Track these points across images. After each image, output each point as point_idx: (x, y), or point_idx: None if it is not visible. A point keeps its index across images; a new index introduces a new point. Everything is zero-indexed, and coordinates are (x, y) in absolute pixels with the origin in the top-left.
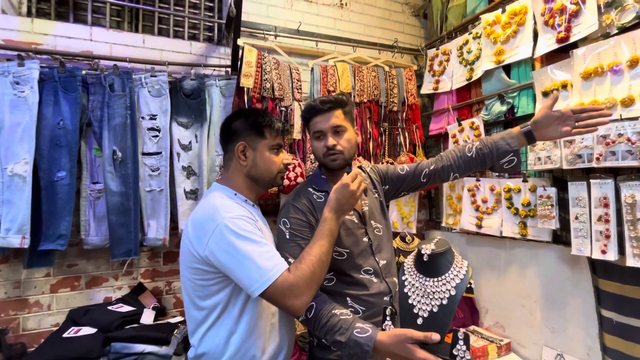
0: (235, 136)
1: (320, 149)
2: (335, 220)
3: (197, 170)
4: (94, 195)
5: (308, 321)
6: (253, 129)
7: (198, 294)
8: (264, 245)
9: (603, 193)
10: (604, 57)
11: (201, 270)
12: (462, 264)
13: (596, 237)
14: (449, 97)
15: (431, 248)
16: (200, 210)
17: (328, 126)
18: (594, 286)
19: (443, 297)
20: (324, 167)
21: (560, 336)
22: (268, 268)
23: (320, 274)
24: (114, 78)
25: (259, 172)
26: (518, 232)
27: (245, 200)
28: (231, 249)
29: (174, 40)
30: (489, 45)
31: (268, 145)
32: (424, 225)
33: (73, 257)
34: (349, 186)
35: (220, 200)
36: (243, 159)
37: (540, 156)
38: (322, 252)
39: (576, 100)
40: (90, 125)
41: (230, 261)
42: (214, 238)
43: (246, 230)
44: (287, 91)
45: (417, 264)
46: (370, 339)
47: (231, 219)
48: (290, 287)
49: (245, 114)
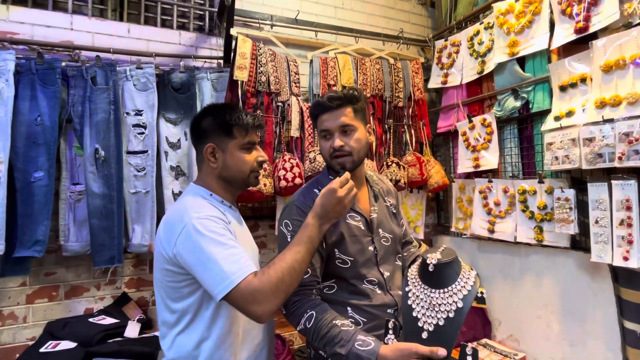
0: (204, 137)
1: (326, 149)
2: (318, 227)
3: (187, 170)
4: (74, 198)
5: (307, 331)
6: (221, 129)
7: (170, 296)
8: (231, 247)
9: (625, 195)
10: (626, 49)
11: (171, 272)
12: (470, 274)
13: (618, 242)
14: (458, 92)
15: (437, 257)
16: (172, 211)
17: (336, 125)
18: (616, 296)
19: (450, 310)
20: (330, 168)
21: (580, 350)
22: (231, 271)
23: (290, 282)
24: (97, 70)
25: (230, 173)
26: (533, 237)
27: (222, 201)
28: (197, 250)
29: (161, 29)
30: (502, 36)
31: (238, 145)
32: (432, 230)
33: (51, 265)
34: (336, 192)
35: (193, 200)
36: (213, 160)
37: (557, 155)
38: (296, 260)
39: (596, 95)
40: (70, 121)
41: (195, 262)
42: (181, 238)
43: (213, 231)
44: (284, 85)
45: (421, 274)
46: (372, 352)
47: (199, 219)
48: (253, 292)
49: (213, 112)
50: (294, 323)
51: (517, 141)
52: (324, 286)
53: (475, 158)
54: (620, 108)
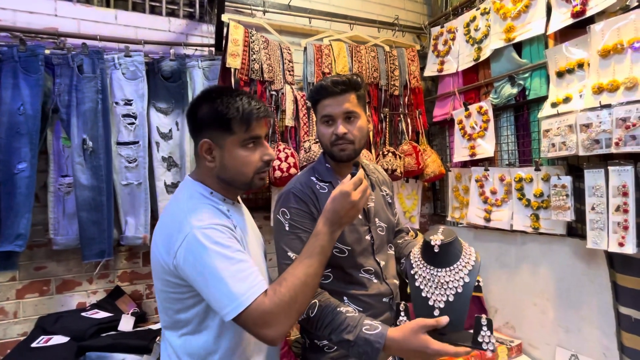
0: (199, 130)
1: (327, 135)
2: (330, 235)
3: (179, 161)
4: (63, 190)
5: (309, 320)
6: (216, 122)
7: (172, 307)
8: (238, 262)
9: (622, 181)
10: (624, 33)
11: (172, 283)
12: (470, 250)
13: (613, 228)
14: (454, 80)
15: (440, 238)
16: (168, 215)
17: (339, 111)
18: (612, 282)
19: (458, 286)
20: (330, 156)
21: (575, 336)
22: (240, 292)
23: (304, 300)
24: (83, 58)
25: (229, 175)
26: (530, 225)
27: (224, 199)
28: (199, 265)
29: (150, 16)
30: (499, 22)
31: (238, 141)
32: (428, 220)
33: (41, 259)
34: (349, 195)
35: (192, 203)
36: (209, 159)
37: (554, 142)
38: (309, 274)
39: (594, 80)
40: (57, 111)
41: (199, 279)
42: (182, 251)
43: (218, 242)
44: (278, 73)
45: (425, 256)
46: (381, 335)
47: (201, 229)
48: (263, 315)
49: (208, 99)
50: None
51: (514, 129)
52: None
53: (472, 146)
54: (617, 93)
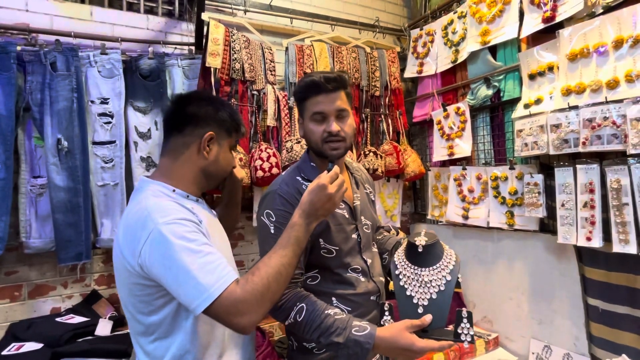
0: (203, 122)
1: (318, 133)
2: (305, 227)
3: (158, 161)
4: (35, 192)
5: (297, 324)
6: (224, 124)
7: (141, 311)
8: (206, 254)
9: (589, 178)
10: (590, 38)
11: (139, 285)
12: (450, 252)
13: (582, 224)
14: (433, 81)
15: (424, 240)
16: (130, 215)
17: (332, 109)
18: (581, 275)
19: (440, 284)
20: (318, 154)
21: (548, 327)
22: (209, 283)
23: (277, 289)
24: (57, 55)
25: (217, 169)
26: (505, 222)
27: (187, 195)
28: (166, 260)
29: (127, 13)
30: (475, 25)
31: (230, 144)
32: (408, 219)
33: (12, 264)
34: (326, 188)
35: (154, 200)
36: (207, 150)
37: (527, 142)
38: (283, 264)
39: (562, 82)
40: (28, 110)
41: (166, 275)
42: (147, 248)
43: (184, 237)
44: (259, 73)
45: (409, 257)
46: (370, 336)
47: (166, 225)
48: (235, 303)
49: (215, 103)
50: (281, 317)
51: (489, 129)
52: (307, 277)
53: (450, 146)
54: (584, 95)
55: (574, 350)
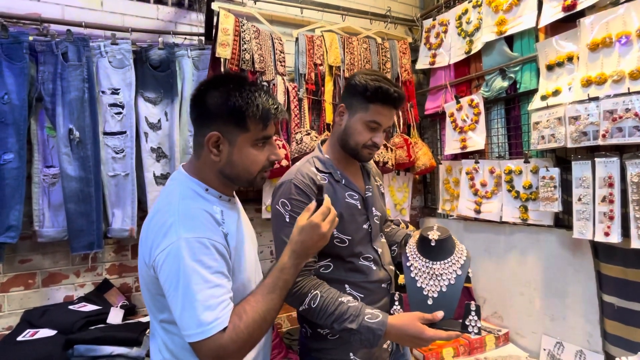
0: (208, 120)
1: (365, 138)
2: (295, 268)
3: (168, 152)
4: (48, 181)
5: (312, 310)
6: (232, 117)
7: (155, 305)
8: (214, 287)
9: (608, 172)
10: (613, 27)
11: (153, 278)
12: (462, 247)
13: (599, 218)
14: (446, 73)
15: (437, 234)
16: (159, 214)
17: (388, 124)
18: (596, 271)
19: (451, 278)
20: (349, 151)
21: (560, 324)
22: (206, 321)
23: (259, 336)
24: (68, 45)
25: (234, 171)
26: (519, 216)
27: (220, 196)
28: (174, 278)
29: (137, 3)
30: (490, 15)
31: (251, 139)
32: (418, 213)
33: (26, 252)
34: (319, 227)
35: (185, 205)
36: (215, 152)
37: (544, 134)
38: (269, 310)
39: (582, 73)
40: (41, 100)
41: (169, 290)
42: (162, 256)
43: (200, 260)
44: (269, 64)
45: (420, 249)
46: (382, 323)
47: (188, 241)
48: (218, 349)
49: (223, 87)
50: (295, 304)
51: (504, 122)
52: (320, 265)
53: (463, 139)
54: (605, 86)
55: (587, 347)
